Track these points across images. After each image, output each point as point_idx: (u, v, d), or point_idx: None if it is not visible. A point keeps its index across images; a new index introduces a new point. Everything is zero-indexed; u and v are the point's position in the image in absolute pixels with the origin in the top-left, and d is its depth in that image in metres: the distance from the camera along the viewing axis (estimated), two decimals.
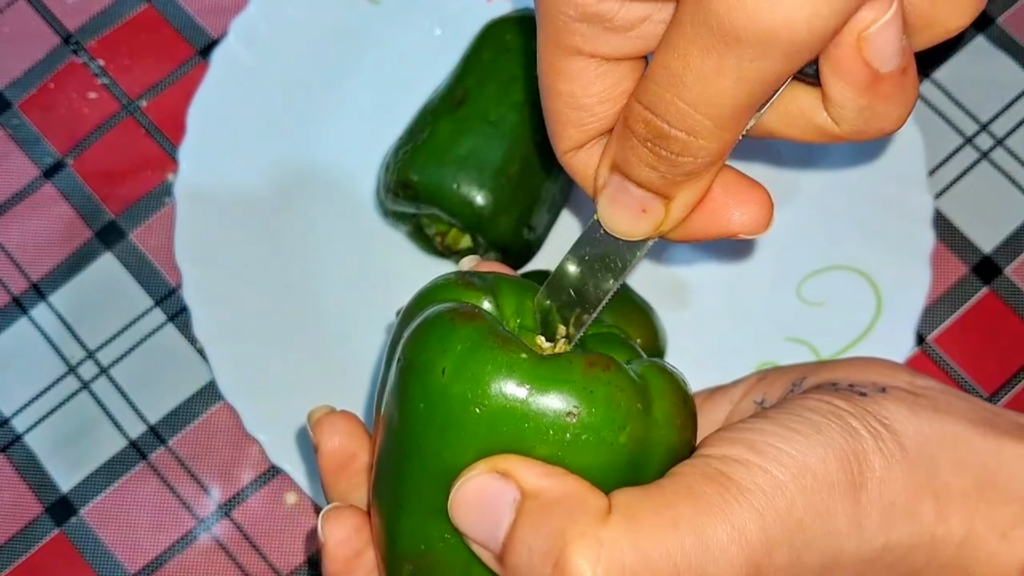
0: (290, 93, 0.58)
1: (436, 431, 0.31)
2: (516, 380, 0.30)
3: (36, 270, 0.58)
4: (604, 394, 0.30)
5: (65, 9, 0.62)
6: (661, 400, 0.31)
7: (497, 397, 0.30)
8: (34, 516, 0.55)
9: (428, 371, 0.31)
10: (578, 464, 0.30)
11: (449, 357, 0.30)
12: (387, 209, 0.54)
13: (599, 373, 0.30)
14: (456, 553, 0.31)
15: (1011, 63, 0.60)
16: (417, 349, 0.31)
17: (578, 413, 0.29)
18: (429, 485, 0.31)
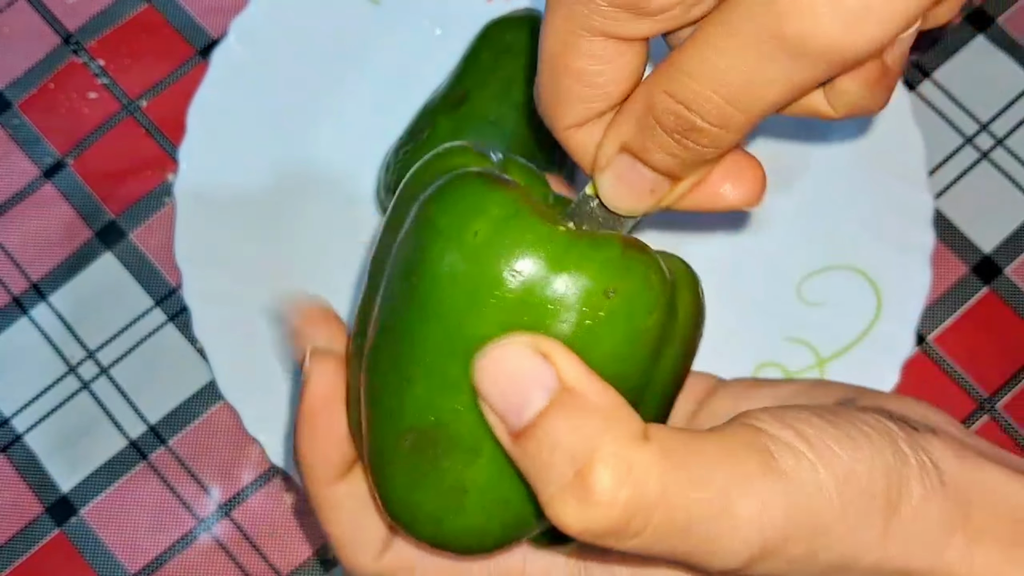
0: (290, 93, 0.58)
1: (461, 298, 0.29)
2: (554, 252, 0.28)
3: (36, 270, 0.58)
4: (641, 274, 0.29)
5: (65, 9, 0.62)
6: (684, 292, 0.31)
7: (533, 268, 0.28)
8: (34, 516, 0.55)
9: (457, 233, 0.28)
10: (606, 346, 0.29)
11: (484, 220, 0.28)
12: (387, 209, 0.54)
13: (636, 254, 0.29)
14: (467, 427, 0.29)
15: (1011, 63, 0.60)
16: (443, 208, 0.29)
17: (615, 291, 0.28)
18: (445, 355, 0.29)
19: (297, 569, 0.54)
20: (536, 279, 0.28)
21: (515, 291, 0.28)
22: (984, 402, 0.55)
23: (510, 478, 0.29)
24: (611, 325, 0.29)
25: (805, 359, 0.54)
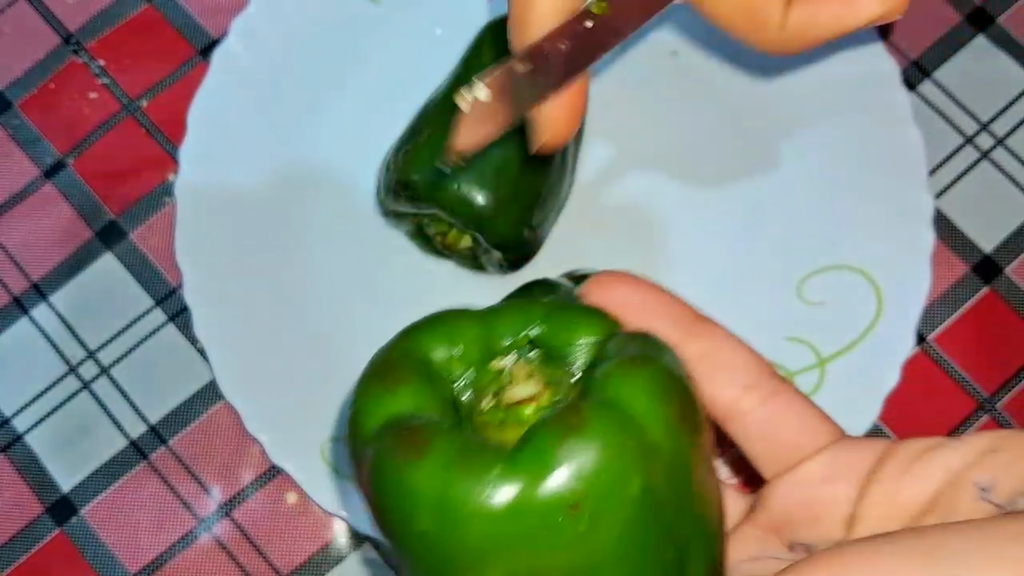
0: (290, 93, 0.58)
1: (446, 567, 0.27)
2: (501, 503, 0.26)
3: (36, 270, 0.58)
4: (596, 458, 0.26)
5: (65, 9, 0.62)
6: (638, 405, 0.27)
7: (491, 527, 0.26)
8: (34, 516, 0.55)
9: (408, 525, 0.27)
10: (610, 545, 0.26)
11: (422, 510, 0.27)
12: (387, 209, 0.54)
13: (573, 441, 0.26)
14: None
15: (1012, 63, 0.60)
16: (384, 500, 0.28)
17: (576, 503, 0.26)
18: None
19: (298, 569, 0.54)
20: (501, 533, 0.26)
21: (490, 550, 0.27)
22: (984, 402, 0.55)
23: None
24: (599, 529, 0.26)
25: (805, 359, 0.54)
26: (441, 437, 0.28)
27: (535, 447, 0.27)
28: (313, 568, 0.54)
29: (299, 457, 0.53)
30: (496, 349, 0.31)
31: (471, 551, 0.26)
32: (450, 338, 0.31)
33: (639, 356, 0.28)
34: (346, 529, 0.54)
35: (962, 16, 0.60)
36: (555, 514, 0.26)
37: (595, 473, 0.26)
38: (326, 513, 0.54)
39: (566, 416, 0.27)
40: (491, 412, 0.30)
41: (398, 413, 0.29)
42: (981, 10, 0.60)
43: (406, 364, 0.31)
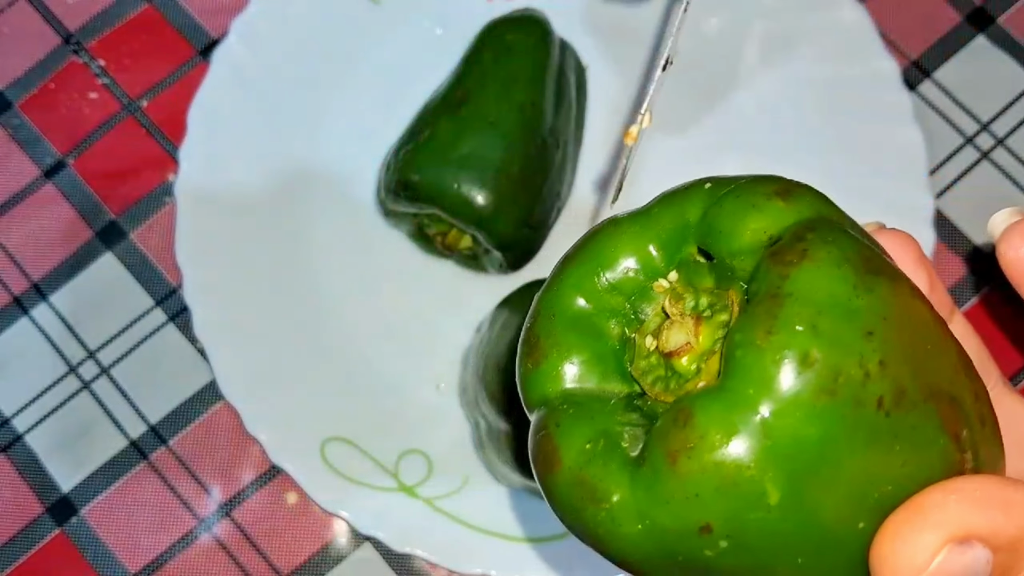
0: (290, 93, 0.58)
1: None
2: (625, 530, 0.23)
3: (37, 270, 0.58)
4: (708, 480, 0.22)
5: (66, 9, 0.62)
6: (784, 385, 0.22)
7: (627, 548, 0.24)
8: (35, 516, 0.55)
9: (596, 531, 0.24)
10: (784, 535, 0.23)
11: (564, 520, 0.25)
12: (388, 209, 0.54)
13: (680, 457, 0.23)
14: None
15: (1012, 63, 0.60)
16: (559, 508, 0.25)
17: (708, 524, 0.23)
18: None
19: (297, 569, 0.54)
20: (641, 555, 0.24)
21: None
22: None
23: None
24: (739, 545, 0.23)
25: None
26: (569, 442, 0.25)
27: (651, 463, 0.23)
28: (313, 568, 0.54)
29: (299, 457, 0.53)
30: (657, 265, 0.27)
31: (619, 561, 0.25)
32: (601, 263, 0.27)
33: (771, 314, 0.23)
34: (346, 529, 0.54)
35: (962, 16, 0.60)
36: (687, 537, 0.23)
37: (720, 494, 0.22)
38: (326, 513, 0.54)
39: (678, 422, 0.23)
40: (655, 356, 0.26)
41: (546, 395, 0.26)
42: (981, 10, 0.60)
43: (549, 326, 0.27)
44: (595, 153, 0.58)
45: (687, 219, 0.26)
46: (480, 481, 0.53)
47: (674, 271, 0.26)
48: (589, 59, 0.58)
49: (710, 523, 0.23)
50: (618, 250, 0.27)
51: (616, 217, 0.28)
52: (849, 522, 0.23)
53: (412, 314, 0.57)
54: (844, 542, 0.24)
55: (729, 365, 0.23)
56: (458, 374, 0.55)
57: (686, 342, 0.25)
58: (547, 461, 0.25)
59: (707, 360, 0.25)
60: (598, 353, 0.26)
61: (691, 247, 0.26)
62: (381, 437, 0.54)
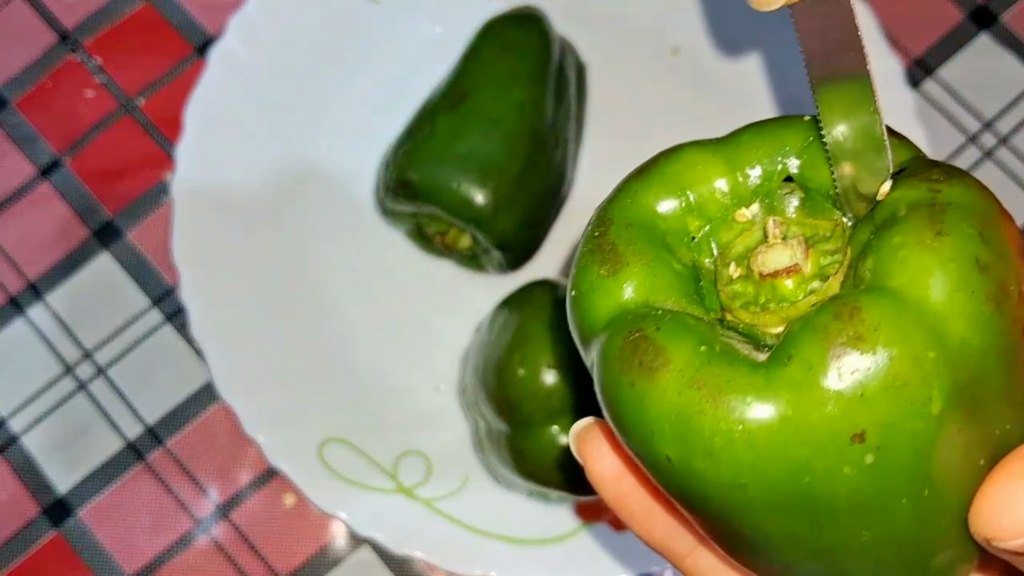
0: (288, 91, 0.58)
1: (697, 498, 0.23)
2: (760, 429, 0.21)
3: (33, 269, 0.58)
4: (886, 377, 0.21)
5: (62, 7, 0.61)
6: (938, 296, 0.21)
7: (748, 458, 0.22)
8: (31, 517, 0.55)
9: (649, 451, 0.23)
10: (903, 471, 0.22)
11: (663, 439, 0.22)
12: (387, 208, 0.54)
13: (856, 354, 0.21)
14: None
15: (1015, 61, 0.59)
16: (619, 418, 0.24)
17: (866, 427, 0.21)
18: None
19: (296, 571, 0.54)
20: (758, 470, 0.22)
21: (762, 494, 0.22)
22: None
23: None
24: (891, 459, 0.22)
25: None
26: (677, 343, 0.23)
27: (803, 359, 0.21)
28: (311, 570, 0.54)
29: (296, 458, 0.53)
30: (741, 193, 0.26)
31: (725, 485, 0.22)
32: (680, 183, 0.26)
33: (936, 219, 0.22)
34: (344, 530, 0.54)
35: (965, 14, 0.60)
36: (833, 446, 0.21)
37: (884, 396, 0.21)
38: (324, 514, 0.54)
39: (842, 315, 0.21)
40: (742, 283, 0.25)
41: (625, 304, 0.24)
42: (984, 8, 0.60)
43: (627, 235, 0.25)
44: (595, 152, 0.58)
45: (786, 148, 0.26)
46: (479, 482, 0.53)
47: (756, 203, 0.26)
48: (589, 57, 0.58)
49: (866, 430, 0.21)
50: (706, 171, 0.26)
51: (700, 141, 0.26)
52: (975, 457, 0.22)
53: (412, 314, 0.57)
54: (964, 476, 0.22)
55: (889, 267, 0.22)
56: (458, 374, 0.55)
57: (793, 263, 0.24)
58: (648, 364, 0.22)
59: (815, 283, 0.24)
60: (675, 272, 0.25)
61: (782, 177, 0.26)
62: (380, 438, 0.54)
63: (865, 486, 0.22)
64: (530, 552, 0.52)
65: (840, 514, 0.22)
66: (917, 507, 0.23)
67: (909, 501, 0.22)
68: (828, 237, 0.25)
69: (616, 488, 0.28)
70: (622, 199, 0.26)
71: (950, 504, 0.23)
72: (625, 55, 0.59)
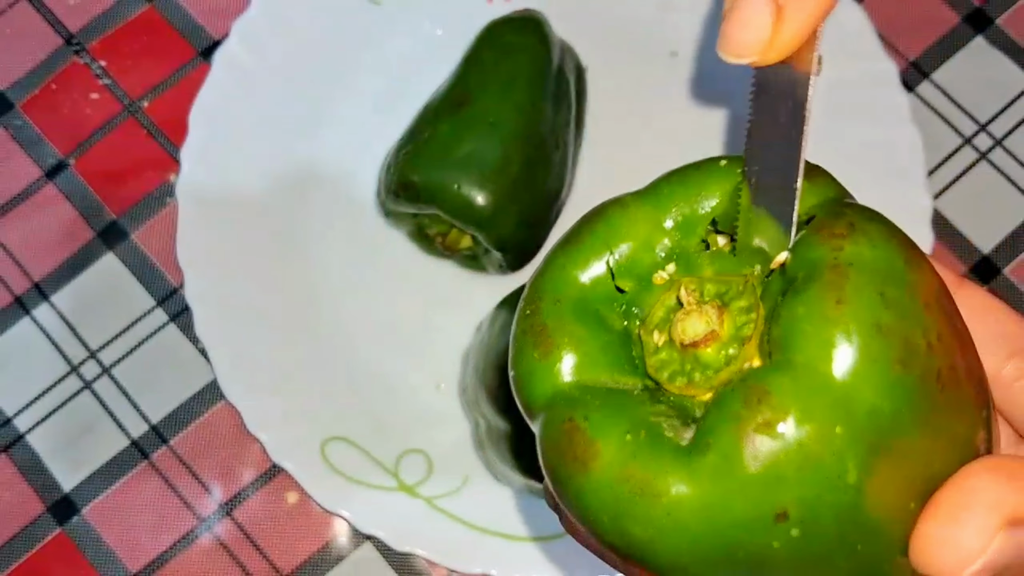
0: (291, 94, 0.59)
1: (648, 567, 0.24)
2: (686, 519, 0.22)
3: (38, 270, 0.58)
4: (801, 458, 0.21)
5: (67, 10, 0.62)
6: (846, 367, 0.22)
7: (681, 543, 0.22)
8: (35, 515, 0.55)
9: (595, 531, 0.24)
10: (830, 535, 0.22)
11: (602, 526, 0.23)
12: (388, 209, 0.54)
13: (768, 438, 0.21)
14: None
15: (1010, 64, 0.60)
16: (564, 501, 0.24)
17: (785, 510, 0.22)
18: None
19: (298, 568, 0.54)
20: (694, 552, 0.22)
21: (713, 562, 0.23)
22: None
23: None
24: (816, 527, 0.22)
25: None
26: (605, 434, 0.23)
27: (719, 448, 0.22)
28: (313, 567, 0.54)
29: (299, 456, 0.53)
30: (665, 248, 0.26)
31: (668, 567, 0.23)
32: (605, 246, 0.25)
33: (836, 285, 0.22)
34: (346, 528, 0.54)
35: (960, 17, 0.61)
36: (758, 525, 0.22)
37: (799, 477, 0.21)
38: (326, 512, 0.54)
39: (751, 401, 0.22)
40: (667, 351, 0.25)
41: (560, 386, 0.24)
42: (980, 11, 0.61)
43: (556, 312, 0.25)
44: (595, 153, 0.58)
45: (703, 199, 0.25)
46: (480, 480, 0.53)
47: (672, 263, 0.25)
48: (588, 60, 0.58)
49: (787, 509, 0.21)
50: (627, 232, 0.25)
51: (620, 198, 0.26)
52: (904, 503, 0.23)
53: (412, 314, 0.57)
54: (897, 524, 0.23)
55: (794, 339, 0.22)
56: (458, 374, 0.55)
57: (710, 331, 0.24)
58: (580, 457, 0.23)
59: (734, 347, 0.24)
60: (605, 344, 0.25)
61: (702, 229, 0.25)
62: (381, 436, 0.54)
63: (798, 553, 0.22)
64: (530, 549, 0.52)
65: (782, 572, 0.23)
66: (854, 560, 0.23)
67: (844, 557, 0.23)
68: (741, 293, 0.24)
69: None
70: (550, 273, 0.26)
71: (888, 548, 0.23)
72: (624, 58, 0.59)
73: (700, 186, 0.26)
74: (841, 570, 0.23)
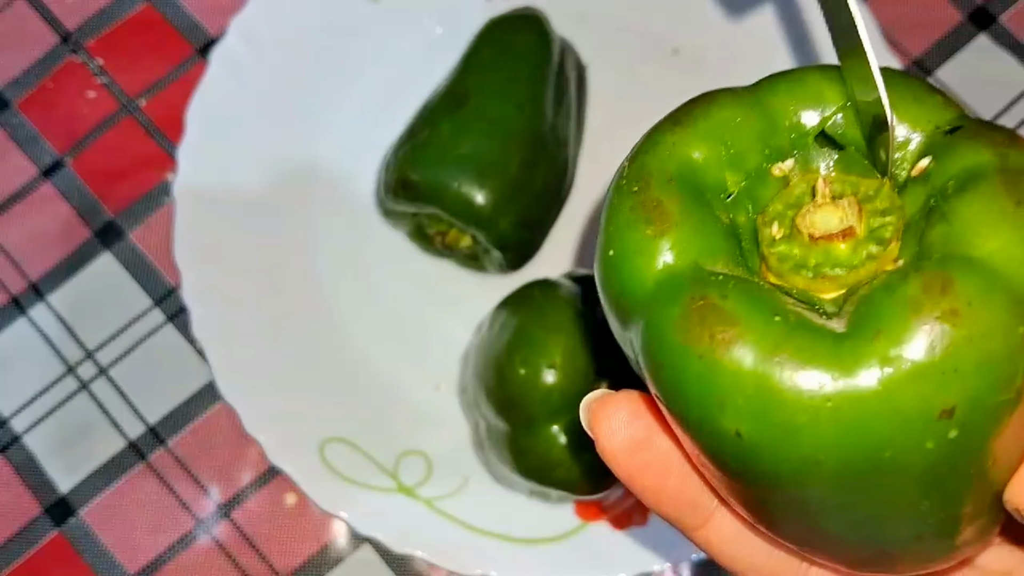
0: (289, 92, 0.58)
1: (767, 474, 0.22)
2: (844, 406, 0.21)
3: (35, 270, 0.58)
4: (978, 354, 0.20)
5: (64, 8, 0.62)
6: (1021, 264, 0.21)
7: (829, 432, 0.21)
8: (33, 517, 0.55)
9: (713, 425, 0.22)
10: (982, 443, 0.21)
11: (732, 412, 0.21)
12: (387, 208, 0.54)
13: (948, 328, 0.20)
14: None
15: (1014, 62, 0.60)
16: (676, 393, 0.22)
17: (955, 403, 0.20)
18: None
19: (297, 570, 0.54)
20: (838, 445, 0.21)
21: (839, 474, 0.22)
22: None
23: None
24: (973, 433, 0.21)
25: None
26: (750, 313, 0.21)
27: (892, 333, 0.20)
28: (312, 569, 0.54)
29: (298, 458, 0.53)
30: (778, 145, 0.25)
31: (800, 460, 0.21)
32: (719, 134, 0.24)
33: (1013, 187, 0.22)
34: (345, 530, 0.54)
35: (964, 15, 0.60)
36: (920, 421, 0.21)
37: (977, 372, 0.20)
38: (325, 514, 0.54)
39: (933, 288, 0.21)
40: (786, 244, 0.23)
41: (675, 267, 0.23)
42: (983, 9, 0.60)
43: (671, 191, 0.23)
44: (595, 152, 0.58)
45: (823, 102, 0.25)
46: (480, 482, 0.53)
47: (791, 159, 0.24)
48: (589, 58, 0.58)
49: (956, 405, 0.20)
50: (744, 122, 0.24)
51: (734, 89, 0.25)
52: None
53: (412, 314, 0.57)
54: (1015, 451, 0.22)
55: (971, 236, 0.21)
56: (458, 374, 0.55)
57: (848, 226, 0.23)
58: (718, 336, 0.21)
59: (872, 246, 0.23)
60: (722, 231, 0.24)
61: (818, 131, 0.24)
62: (380, 438, 0.54)
63: (943, 459, 0.21)
64: (530, 551, 0.52)
65: (908, 484, 0.22)
66: (976, 478, 0.22)
67: (975, 471, 0.22)
68: (873, 196, 0.24)
69: (628, 462, 0.27)
70: (659, 151, 0.24)
71: (997, 476, 0.23)
72: (625, 56, 0.59)
73: (817, 91, 0.25)
74: (960, 487, 0.22)
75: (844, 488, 0.22)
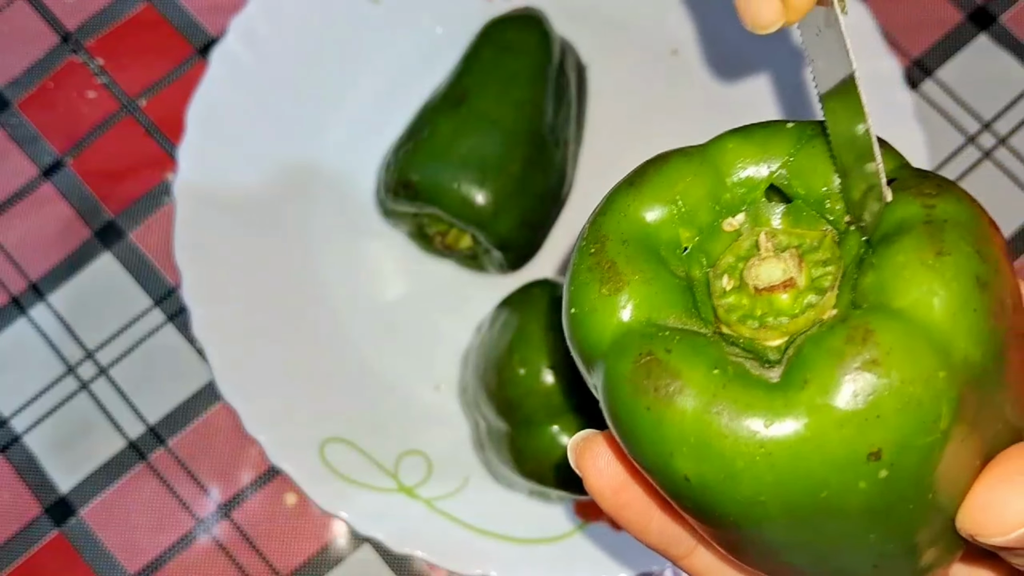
0: (290, 92, 0.58)
1: (714, 514, 0.24)
2: (778, 452, 0.22)
3: (35, 270, 0.58)
4: (899, 399, 0.22)
5: (64, 8, 0.62)
6: (942, 315, 0.22)
7: (767, 475, 0.22)
8: (33, 517, 0.55)
9: (665, 469, 0.23)
10: (911, 482, 0.22)
11: (680, 459, 0.23)
12: (387, 208, 0.54)
13: (870, 375, 0.21)
14: None
15: (1014, 62, 0.60)
16: (632, 439, 0.24)
17: (879, 449, 0.22)
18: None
19: (297, 570, 0.54)
20: (777, 486, 0.22)
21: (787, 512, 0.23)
22: None
23: None
24: (902, 473, 0.22)
25: None
26: (691, 367, 0.23)
27: (820, 383, 0.22)
28: (312, 569, 0.54)
29: (298, 458, 0.53)
30: (728, 201, 0.26)
31: (744, 502, 0.23)
32: (671, 193, 0.26)
33: (935, 237, 0.23)
34: (345, 530, 0.54)
35: (964, 15, 0.60)
36: (850, 464, 0.22)
37: (899, 416, 0.22)
38: (325, 514, 0.54)
39: (855, 338, 0.22)
40: (736, 295, 0.25)
41: (628, 324, 0.24)
42: (983, 9, 0.60)
43: (625, 251, 0.25)
44: (595, 151, 0.58)
45: (771, 156, 0.26)
46: (480, 482, 0.53)
47: (741, 213, 0.26)
48: (589, 58, 0.58)
49: (881, 448, 0.22)
50: (695, 180, 0.26)
51: (685, 149, 0.27)
52: (972, 459, 0.23)
53: (412, 314, 0.57)
54: (960, 480, 0.23)
55: (895, 286, 0.22)
56: (458, 374, 0.55)
57: (788, 277, 0.24)
58: (662, 390, 0.23)
59: (811, 295, 0.24)
60: (672, 285, 0.25)
61: (767, 185, 0.26)
62: (381, 438, 0.54)
63: (878, 497, 0.23)
64: (530, 551, 0.52)
65: (851, 520, 0.23)
66: (920, 510, 0.23)
67: (915, 505, 0.23)
68: (816, 247, 0.25)
69: (615, 500, 0.28)
70: (615, 213, 0.26)
71: (947, 504, 0.24)
72: (625, 56, 0.59)
73: (765, 146, 0.26)
74: (905, 520, 0.23)
75: (794, 526, 0.23)
